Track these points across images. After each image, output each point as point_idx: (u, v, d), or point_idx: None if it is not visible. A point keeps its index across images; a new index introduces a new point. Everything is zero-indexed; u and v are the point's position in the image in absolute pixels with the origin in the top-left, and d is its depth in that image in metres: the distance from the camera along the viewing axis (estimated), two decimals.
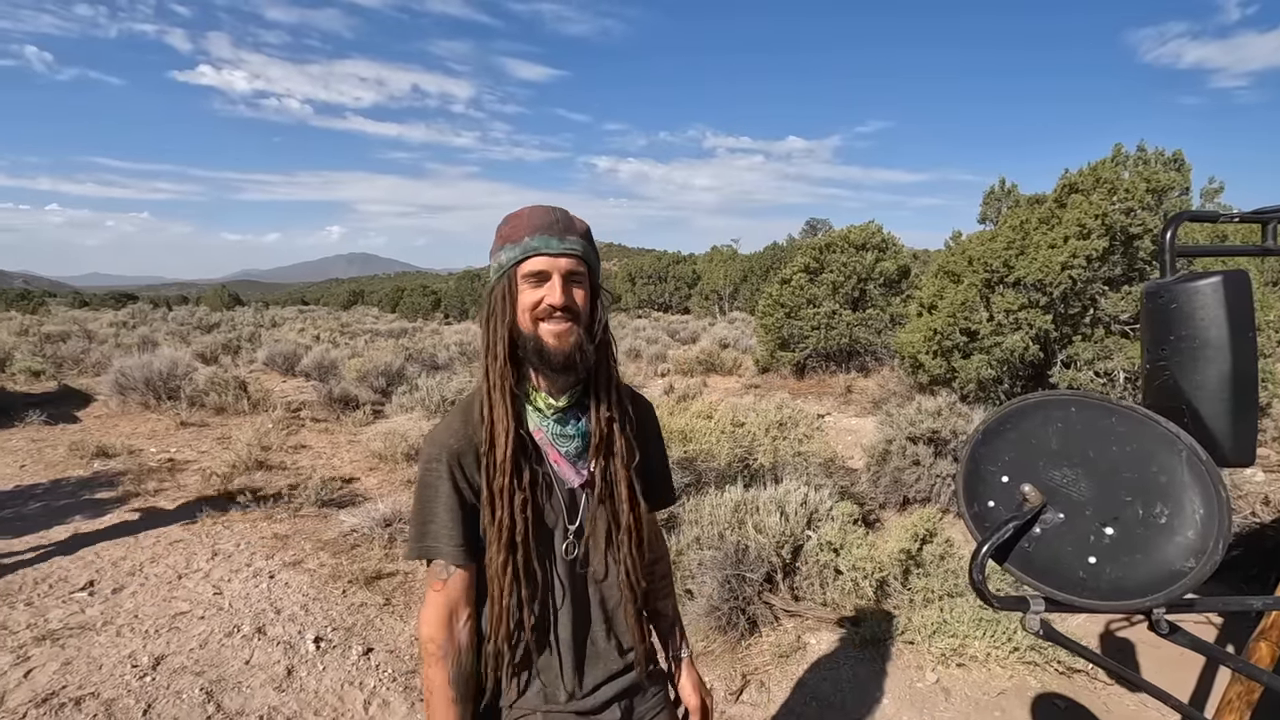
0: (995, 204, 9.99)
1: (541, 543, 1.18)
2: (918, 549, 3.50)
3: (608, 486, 1.21)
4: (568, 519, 1.20)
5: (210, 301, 36.64)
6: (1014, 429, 0.91)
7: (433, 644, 1.14)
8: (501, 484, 1.12)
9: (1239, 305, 0.90)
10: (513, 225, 1.13)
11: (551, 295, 1.10)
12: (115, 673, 2.80)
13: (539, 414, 1.18)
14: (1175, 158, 7.27)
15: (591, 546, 1.23)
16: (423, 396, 7.83)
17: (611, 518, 1.22)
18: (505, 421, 1.13)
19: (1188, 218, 1.18)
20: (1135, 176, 6.77)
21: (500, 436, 1.13)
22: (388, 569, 3.86)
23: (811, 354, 11.36)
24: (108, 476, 5.46)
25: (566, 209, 1.17)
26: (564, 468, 1.19)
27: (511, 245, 1.12)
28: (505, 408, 1.13)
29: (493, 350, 1.14)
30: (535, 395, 1.18)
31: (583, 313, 1.13)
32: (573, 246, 1.12)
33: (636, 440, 1.25)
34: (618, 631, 1.27)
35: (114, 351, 11.40)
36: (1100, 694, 2.85)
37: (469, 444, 1.16)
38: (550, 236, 1.10)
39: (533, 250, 1.10)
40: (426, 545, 1.15)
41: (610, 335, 1.21)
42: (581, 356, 1.13)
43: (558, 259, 1.11)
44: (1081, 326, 6.97)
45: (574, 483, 1.20)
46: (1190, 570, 0.73)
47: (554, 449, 1.18)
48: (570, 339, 1.11)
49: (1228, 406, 0.89)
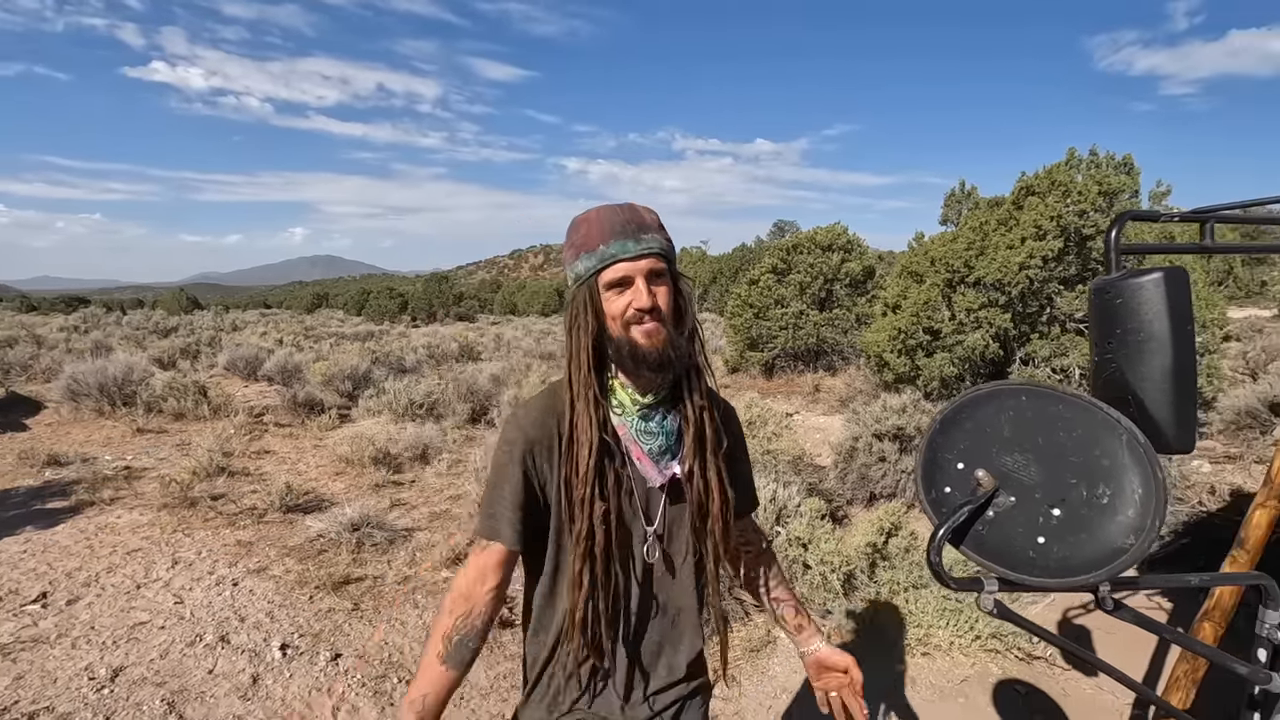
0: (956, 206, 10.26)
1: (621, 549, 1.16)
2: (883, 542, 3.57)
3: (702, 477, 1.18)
4: (646, 520, 1.19)
5: (168, 305, 35.55)
6: (969, 418, 0.95)
7: (451, 596, 1.14)
8: (583, 494, 1.11)
9: (1179, 300, 0.95)
10: (586, 233, 1.11)
11: (638, 299, 1.08)
12: (71, 686, 2.72)
13: (623, 411, 1.16)
14: (1125, 161, 7.55)
15: (671, 548, 1.21)
16: (390, 400, 7.73)
17: (700, 513, 1.20)
18: (589, 431, 1.11)
19: (1131, 217, 1.24)
20: (1088, 180, 7.01)
21: (584, 446, 1.11)
22: (356, 574, 3.80)
23: (780, 354, 11.50)
24: (60, 485, 5.27)
25: (633, 204, 1.15)
26: (646, 466, 1.17)
27: (588, 254, 1.10)
28: (590, 416, 1.11)
29: (577, 359, 1.12)
30: (620, 391, 1.16)
31: (668, 309, 1.11)
32: (649, 246, 1.09)
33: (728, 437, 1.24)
34: (682, 637, 1.26)
35: (65, 357, 11.00)
36: (1059, 679, 2.95)
37: (547, 435, 1.15)
38: (626, 240, 1.08)
39: (610, 258, 1.08)
40: (491, 526, 1.15)
41: (698, 324, 1.18)
42: (675, 352, 1.11)
43: (638, 261, 1.08)
44: (1039, 325, 7.19)
45: (655, 481, 1.18)
46: (1131, 547, 0.77)
47: (637, 446, 1.16)
48: (661, 337, 1.10)
49: (1170, 396, 0.94)
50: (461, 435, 7.16)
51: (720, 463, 1.19)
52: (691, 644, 1.27)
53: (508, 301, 44.29)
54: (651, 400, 1.15)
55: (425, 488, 5.51)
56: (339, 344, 14.28)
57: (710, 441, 1.18)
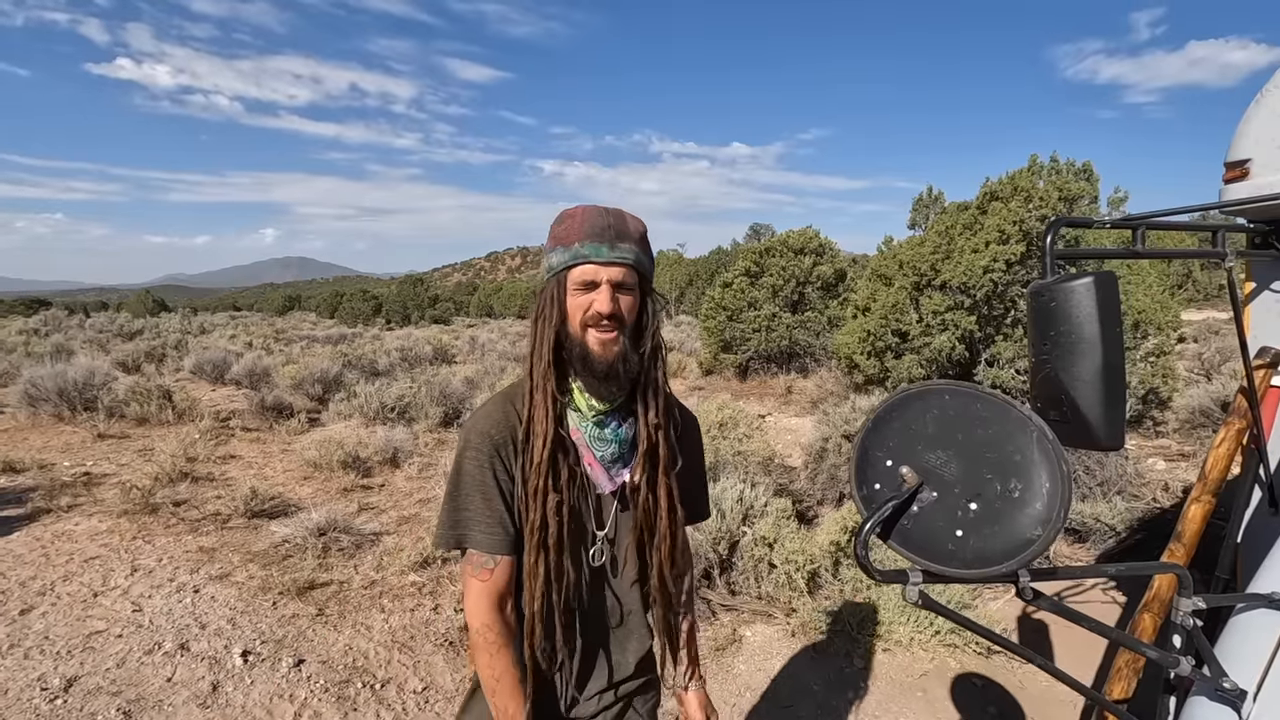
0: (924, 210, 10.44)
1: (573, 544, 1.17)
2: (848, 541, 3.63)
3: (650, 493, 1.19)
4: (596, 524, 1.20)
5: (132, 308, 34.70)
6: (899, 417, 0.98)
7: (490, 632, 1.13)
8: (537, 485, 1.12)
9: (1108, 303, 1.00)
10: (565, 227, 1.11)
11: (599, 303, 1.08)
12: (23, 697, 2.65)
13: (579, 415, 1.17)
14: (1085, 168, 7.76)
15: (619, 554, 1.22)
16: (361, 403, 7.65)
17: (647, 526, 1.20)
18: (545, 423, 1.12)
19: (1065, 223, 1.29)
20: (1049, 185, 7.19)
21: (539, 438, 1.12)
22: (322, 579, 3.76)
23: (753, 356, 11.60)
24: (15, 493, 5.13)
25: (623, 210, 1.14)
26: (597, 472, 1.18)
27: (563, 249, 1.10)
28: (546, 409, 1.12)
29: (538, 351, 1.13)
30: (578, 396, 1.16)
31: (629, 321, 1.12)
32: (624, 255, 1.09)
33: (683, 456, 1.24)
34: (629, 636, 1.27)
35: (24, 361, 10.70)
36: (1016, 673, 3.02)
37: (509, 434, 1.15)
38: (601, 244, 1.08)
39: (582, 257, 1.08)
40: (459, 534, 1.14)
41: (660, 341, 1.18)
42: (625, 366, 1.12)
43: (607, 267, 1.09)
44: (1003, 327, 7.35)
45: (605, 488, 1.19)
46: (1039, 537, 0.81)
47: (590, 452, 1.17)
48: (614, 348, 1.10)
49: (1100, 396, 0.98)
50: (433, 439, 7.11)
51: (671, 480, 1.20)
52: (639, 643, 1.29)
53: (483, 304, 44.01)
54: (606, 407, 1.16)
55: (395, 491, 5.47)
56: (310, 347, 14.08)
57: (663, 459, 1.19)
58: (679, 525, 1.23)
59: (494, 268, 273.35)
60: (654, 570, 1.23)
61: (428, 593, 3.67)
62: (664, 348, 1.20)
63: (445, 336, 18.25)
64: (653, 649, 1.34)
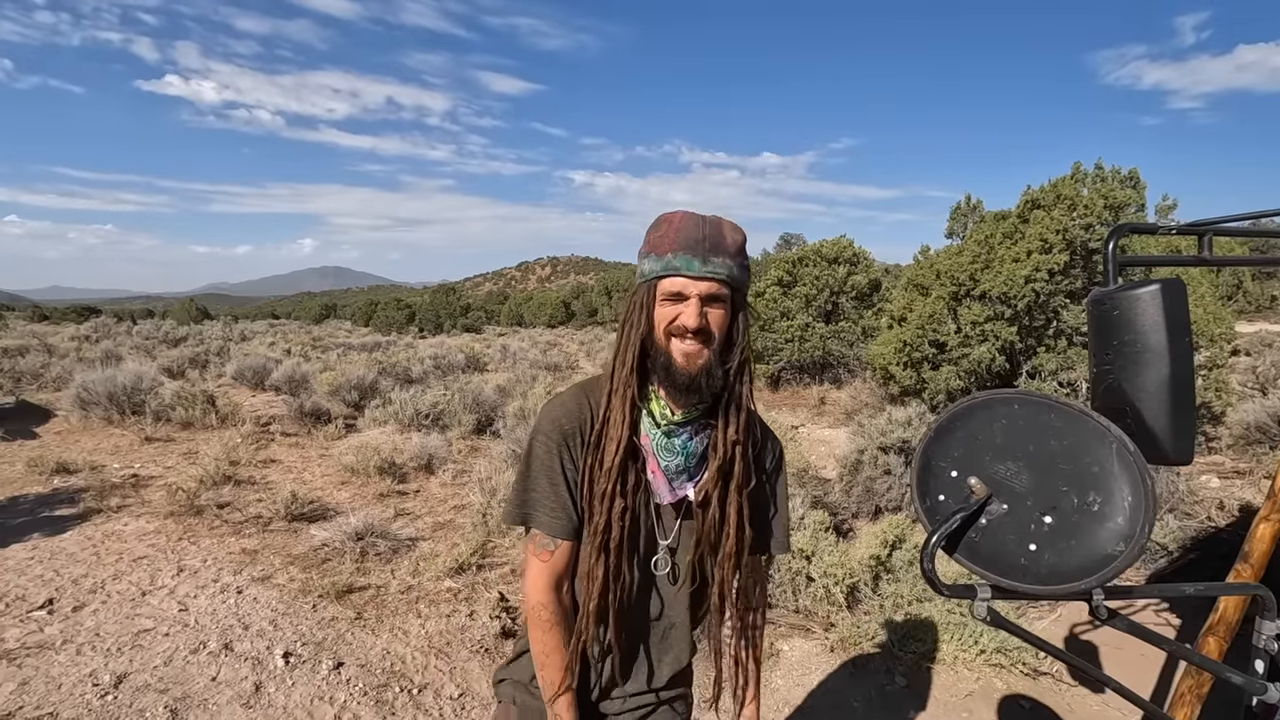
0: (962, 219, 10.26)
1: (633, 549, 1.17)
2: (888, 555, 3.56)
3: (720, 509, 1.17)
4: (661, 533, 1.20)
5: (177, 315, 35.85)
6: (963, 427, 0.95)
7: (545, 610, 1.16)
8: (605, 488, 1.12)
9: (1176, 311, 0.95)
10: (661, 234, 1.10)
11: (686, 317, 1.07)
12: (75, 692, 2.73)
13: (651, 421, 1.16)
14: (1131, 175, 7.54)
15: (680, 565, 1.22)
16: (396, 410, 7.76)
17: (712, 540, 1.19)
18: (620, 428, 1.12)
19: (1129, 230, 1.25)
20: (1094, 193, 7.01)
21: (612, 441, 1.13)
22: (360, 583, 3.81)
23: (786, 366, 11.49)
24: (68, 493, 5.30)
25: (721, 219, 1.11)
26: (659, 481, 1.17)
27: (655, 258, 1.09)
28: (623, 414, 1.12)
29: (622, 356, 1.13)
30: (654, 402, 1.15)
31: (718, 335, 1.10)
32: (716, 270, 1.07)
33: (758, 475, 1.23)
34: (670, 649, 1.26)
35: (76, 366, 11.10)
36: (1065, 695, 2.92)
37: (579, 426, 1.16)
38: (694, 257, 1.06)
39: (673, 270, 1.07)
40: (525, 512, 1.16)
41: (748, 357, 1.17)
42: (708, 380, 1.10)
43: (698, 282, 1.06)
44: (1045, 338, 7.17)
45: (664, 499, 1.18)
46: (1121, 554, 0.78)
47: (654, 459, 1.16)
48: (699, 361, 1.09)
49: (1167, 407, 0.94)
50: (467, 446, 7.17)
51: (743, 499, 1.18)
52: (678, 657, 1.27)
53: (514, 313, 44.46)
54: (681, 419, 1.15)
55: (429, 498, 5.52)
56: (346, 354, 14.35)
57: (737, 476, 1.16)
58: (745, 544, 1.20)
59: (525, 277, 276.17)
60: (714, 586, 1.21)
61: (463, 599, 3.69)
62: (751, 365, 1.18)
63: (477, 345, 18.46)
64: (690, 665, 1.32)
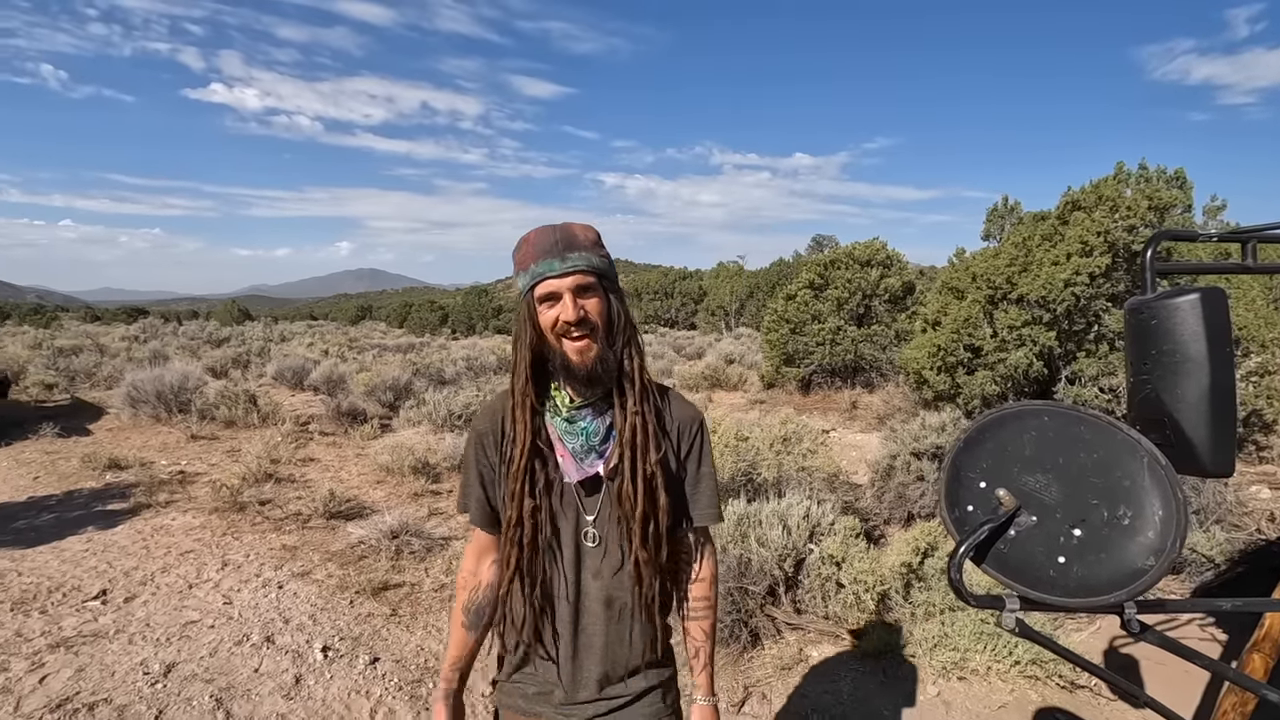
0: (999, 221, 10.05)
1: (551, 543, 1.26)
2: (919, 562, 3.51)
3: (631, 480, 1.23)
4: (584, 509, 1.27)
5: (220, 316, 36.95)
6: (992, 438, 0.96)
7: (461, 574, 1.38)
8: (513, 489, 1.24)
9: (1217, 321, 0.94)
10: (523, 253, 1.20)
11: (564, 312, 1.16)
12: (127, 679, 2.85)
13: (554, 410, 1.25)
14: (1177, 175, 7.31)
15: (610, 542, 1.28)
16: (430, 410, 7.90)
17: (626, 511, 1.24)
18: (524, 435, 1.23)
19: (1167, 237, 1.23)
20: (1137, 194, 6.82)
21: (517, 446, 1.24)
22: (395, 580, 3.90)
23: (817, 370, 11.39)
24: (120, 488, 5.53)
25: (570, 223, 1.22)
26: (567, 462, 1.24)
27: (524, 273, 1.20)
28: (525, 422, 1.23)
29: (516, 368, 1.24)
30: (557, 394, 1.25)
31: (599, 323, 1.19)
32: (575, 264, 1.17)
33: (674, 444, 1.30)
34: (628, 632, 1.28)
35: (126, 365, 11.54)
36: (1104, 709, 2.85)
37: (494, 429, 1.30)
38: (553, 259, 1.17)
39: (539, 276, 1.17)
40: (462, 502, 1.35)
41: (633, 332, 1.25)
42: (603, 368, 1.21)
43: (564, 278, 1.17)
44: (1085, 343, 6.99)
45: (573, 477, 1.25)
46: (1151, 568, 0.78)
47: (561, 444, 1.25)
48: (591, 354, 1.19)
49: (1206, 418, 0.93)
50: None
51: (653, 466, 1.23)
52: (641, 639, 1.29)
53: None
54: (580, 403, 1.24)
55: None
56: (381, 355, 14.64)
57: (639, 445, 1.23)
58: (658, 511, 1.24)
59: None
60: (629, 556, 1.25)
61: None
62: (637, 338, 1.26)
63: (508, 346, 18.64)
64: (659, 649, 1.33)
